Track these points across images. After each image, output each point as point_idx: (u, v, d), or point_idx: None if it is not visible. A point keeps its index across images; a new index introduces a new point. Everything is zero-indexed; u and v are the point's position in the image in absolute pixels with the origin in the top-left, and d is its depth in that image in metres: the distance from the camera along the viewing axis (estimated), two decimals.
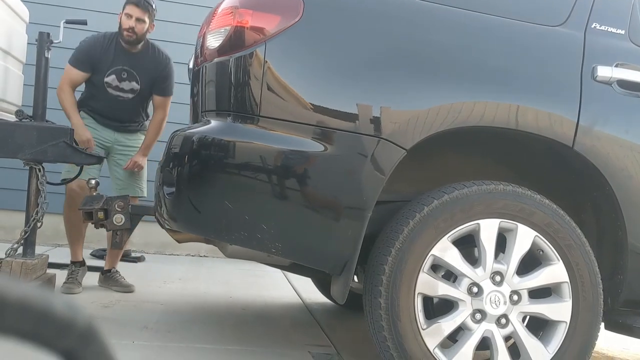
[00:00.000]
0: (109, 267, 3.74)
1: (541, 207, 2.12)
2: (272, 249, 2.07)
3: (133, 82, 3.62)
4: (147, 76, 3.65)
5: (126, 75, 3.60)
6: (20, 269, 3.10)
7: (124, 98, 3.63)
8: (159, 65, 3.69)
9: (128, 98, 3.64)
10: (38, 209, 3.22)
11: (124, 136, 3.72)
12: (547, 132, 2.15)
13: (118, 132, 3.70)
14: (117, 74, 3.58)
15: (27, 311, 0.31)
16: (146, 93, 3.70)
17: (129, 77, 3.60)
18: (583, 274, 2.13)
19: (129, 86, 3.62)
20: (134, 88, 3.63)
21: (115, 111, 3.66)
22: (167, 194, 2.21)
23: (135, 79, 3.62)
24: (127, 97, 3.63)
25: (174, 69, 3.76)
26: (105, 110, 3.65)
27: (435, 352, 2.04)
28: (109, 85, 3.58)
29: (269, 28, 2.08)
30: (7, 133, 3.08)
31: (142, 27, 3.52)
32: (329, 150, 2.04)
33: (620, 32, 2.31)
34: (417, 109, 2.08)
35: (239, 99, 2.15)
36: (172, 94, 3.81)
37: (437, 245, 2.06)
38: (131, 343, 2.48)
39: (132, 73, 3.61)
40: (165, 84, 3.73)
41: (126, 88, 3.62)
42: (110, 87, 3.58)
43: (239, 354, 2.49)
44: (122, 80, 3.60)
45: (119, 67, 3.58)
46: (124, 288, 3.63)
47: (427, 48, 2.16)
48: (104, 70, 3.56)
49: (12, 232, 4.94)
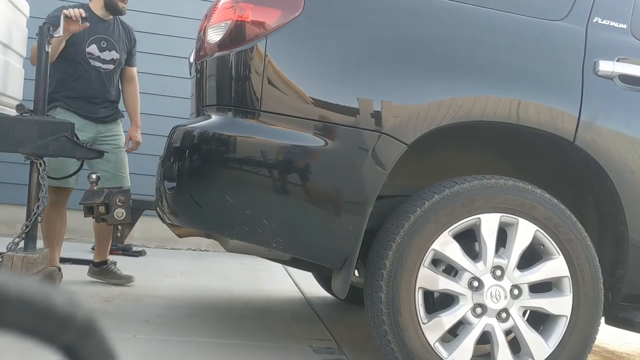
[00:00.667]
0: (101, 260, 3.66)
1: (542, 201, 2.12)
2: (273, 244, 2.07)
3: (113, 51, 3.52)
4: (122, 45, 3.59)
5: (105, 44, 3.50)
6: (22, 263, 3.10)
7: (105, 70, 3.52)
8: (130, 34, 3.65)
9: (109, 70, 3.54)
10: (39, 204, 3.22)
11: (104, 127, 3.58)
12: (548, 126, 2.14)
13: (100, 124, 3.56)
14: (97, 43, 3.48)
15: (27, 306, 0.31)
16: (122, 64, 3.62)
17: (109, 45, 3.51)
18: (584, 269, 2.13)
19: (110, 56, 3.52)
20: (114, 58, 3.53)
21: (96, 90, 3.51)
22: (168, 189, 2.21)
23: (114, 47, 3.53)
24: (108, 68, 3.53)
25: None
26: (86, 90, 3.47)
27: (435, 346, 2.05)
28: (91, 55, 3.45)
29: (270, 22, 2.08)
30: (8, 127, 3.08)
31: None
32: (329, 145, 2.04)
33: (622, 27, 2.30)
34: (418, 104, 2.08)
35: (240, 93, 2.15)
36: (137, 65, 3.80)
37: (438, 240, 2.06)
38: (132, 337, 2.49)
39: (111, 41, 3.52)
40: (135, 54, 3.71)
41: (107, 58, 3.51)
42: (92, 58, 3.46)
43: (240, 348, 2.50)
44: (102, 50, 3.49)
45: (98, 36, 3.47)
46: (122, 280, 3.58)
47: (428, 42, 2.16)
48: (83, 40, 3.42)
49: (13, 226, 4.95)
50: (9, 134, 3.08)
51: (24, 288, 0.31)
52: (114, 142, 3.60)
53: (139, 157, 4.66)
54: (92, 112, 3.52)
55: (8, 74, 3.21)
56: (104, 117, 3.57)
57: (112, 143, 3.59)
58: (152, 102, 5.19)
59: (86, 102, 3.49)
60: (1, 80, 3.12)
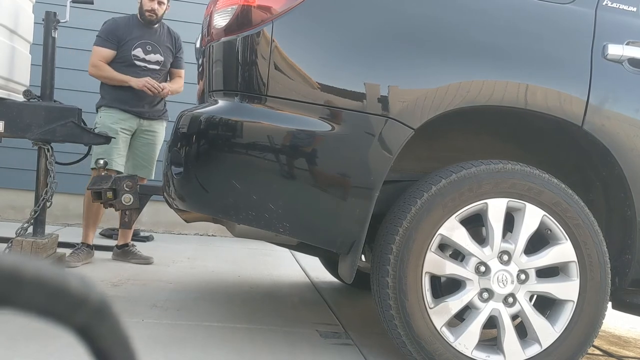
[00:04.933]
0: (124, 242, 3.97)
1: (549, 186, 2.12)
2: (279, 229, 2.08)
3: (157, 54, 3.91)
4: (167, 49, 3.98)
5: (150, 48, 3.89)
6: (31, 248, 3.13)
7: (150, 70, 3.88)
8: (175, 40, 4.06)
9: (155, 70, 3.90)
10: (47, 189, 3.24)
11: (148, 122, 3.95)
12: (556, 111, 2.13)
13: (143, 119, 3.91)
14: (143, 47, 3.87)
15: (42, 287, 0.32)
16: (168, 65, 3.98)
17: (153, 49, 3.90)
18: (591, 253, 2.13)
19: (154, 58, 3.91)
20: (158, 60, 3.92)
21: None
22: (175, 174, 2.22)
23: (158, 51, 3.92)
24: (153, 68, 3.90)
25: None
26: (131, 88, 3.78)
27: (442, 331, 2.06)
28: (137, 57, 3.85)
29: (276, 7, 2.07)
30: (16, 113, 3.09)
31: (162, 8, 3.90)
32: (336, 129, 2.04)
33: (631, 10, 2.28)
34: (425, 88, 2.07)
35: (247, 78, 2.15)
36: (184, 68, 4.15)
37: (445, 225, 2.06)
38: (141, 321, 2.51)
39: (155, 46, 3.91)
40: (181, 57, 4.10)
41: (152, 60, 3.90)
42: (138, 60, 3.85)
43: (247, 332, 2.52)
44: (147, 53, 3.88)
45: (143, 41, 3.87)
46: (143, 260, 3.90)
47: (435, 26, 2.14)
48: (130, 45, 3.83)
49: (22, 211, 4.99)
50: (17, 119, 3.09)
51: (38, 269, 0.32)
52: (149, 137, 3.97)
53: None
54: (136, 106, 3.86)
55: (15, 60, 3.21)
56: (147, 112, 3.93)
57: (148, 138, 3.96)
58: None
59: (131, 98, 3.82)
60: (8, 66, 3.12)
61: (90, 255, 3.79)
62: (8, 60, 3.12)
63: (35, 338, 2.15)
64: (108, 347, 0.36)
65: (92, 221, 3.81)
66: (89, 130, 3.27)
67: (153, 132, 3.99)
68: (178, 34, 4.10)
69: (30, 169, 3.79)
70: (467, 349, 2.06)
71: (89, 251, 3.77)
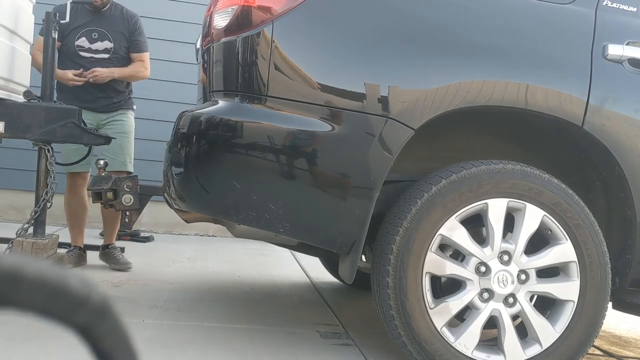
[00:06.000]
0: (107, 243, 3.72)
1: (550, 186, 2.12)
2: (279, 229, 2.08)
3: (105, 40, 3.57)
4: (118, 33, 3.61)
5: (97, 35, 3.56)
6: (32, 248, 3.13)
7: (99, 60, 3.56)
8: (129, 22, 3.66)
9: (104, 59, 3.58)
10: (47, 189, 3.24)
11: (106, 115, 3.64)
12: (556, 111, 2.13)
13: (100, 113, 3.61)
14: (87, 36, 3.55)
15: (43, 287, 0.32)
16: (122, 52, 3.64)
17: (100, 36, 3.57)
18: (591, 254, 2.13)
19: (102, 46, 3.57)
20: (107, 47, 3.58)
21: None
22: (175, 174, 2.22)
23: (107, 37, 3.57)
24: (102, 58, 3.57)
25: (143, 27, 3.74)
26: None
27: (442, 331, 2.05)
28: (81, 48, 3.54)
29: (277, 7, 2.07)
30: (16, 114, 3.09)
31: None
32: (336, 130, 2.04)
33: (632, 10, 2.27)
34: (426, 88, 2.07)
35: (247, 79, 2.15)
36: (148, 51, 3.77)
37: (445, 225, 2.06)
38: (141, 322, 2.51)
39: (103, 32, 3.57)
40: (139, 40, 3.69)
41: (100, 48, 3.57)
42: (83, 50, 3.55)
43: (247, 333, 2.52)
44: (93, 42, 3.56)
45: (88, 29, 3.55)
46: (120, 266, 3.60)
47: (435, 26, 2.15)
48: (73, 35, 3.52)
49: (22, 212, 4.99)
50: (17, 120, 3.09)
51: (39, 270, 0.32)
52: (114, 127, 3.62)
53: (145, 142, 4.68)
54: (90, 102, 3.55)
55: (15, 61, 3.21)
56: (104, 106, 3.61)
57: (112, 128, 3.61)
58: (159, 88, 5.19)
59: (82, 92, 3.51)
60: (8, 67, 3.12)
61: (83, 259, 3.64)
62: (8, 61, 3.12)
63: (34, 339, 2.15)
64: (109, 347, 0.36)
65: (74, 223, 3.60)
66: (89, 131, 3.27)
67: (116, 121, 3.63)
68: (134, 14, 3.70)
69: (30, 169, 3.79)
70: (467, 349, 2.06)
71: (80, 254, 3.62)
